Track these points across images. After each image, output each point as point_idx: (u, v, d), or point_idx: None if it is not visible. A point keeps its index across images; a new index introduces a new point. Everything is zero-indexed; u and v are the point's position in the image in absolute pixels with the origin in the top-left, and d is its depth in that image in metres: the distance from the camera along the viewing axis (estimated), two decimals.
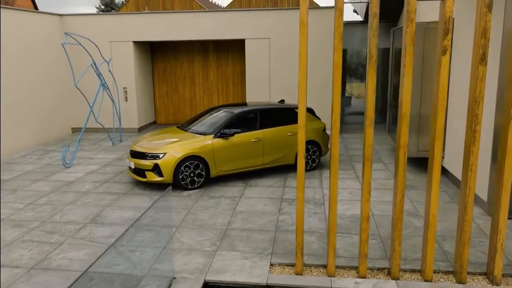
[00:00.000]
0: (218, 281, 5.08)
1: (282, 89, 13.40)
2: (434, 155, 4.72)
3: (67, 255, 5.64)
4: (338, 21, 4.58)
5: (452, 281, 5.04)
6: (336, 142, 4.87)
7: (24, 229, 6.49)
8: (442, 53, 4.51)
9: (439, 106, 4.62)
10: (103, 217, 6.95)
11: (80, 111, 14.00)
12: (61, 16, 13.79)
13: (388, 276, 5.15)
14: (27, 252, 5.74)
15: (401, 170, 4.80)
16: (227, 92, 15.42)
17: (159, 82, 15.64)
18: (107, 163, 10.27)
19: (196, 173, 8.20)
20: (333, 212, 5.02)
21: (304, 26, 4.62)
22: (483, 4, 4.38)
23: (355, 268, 5.32)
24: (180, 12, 14.16)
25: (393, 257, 5.02)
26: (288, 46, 13.29)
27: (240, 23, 13.41)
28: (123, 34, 13.75)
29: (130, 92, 14.05)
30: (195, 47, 15.18)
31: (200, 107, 15.62)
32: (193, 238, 6.14)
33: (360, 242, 5.03)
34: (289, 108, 9.59)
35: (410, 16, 4.48)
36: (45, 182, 8.83)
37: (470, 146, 4.67)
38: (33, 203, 7.60)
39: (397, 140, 4.80)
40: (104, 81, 11.75)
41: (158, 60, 15.45)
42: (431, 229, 4.90)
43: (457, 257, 5.02)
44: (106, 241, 6.06)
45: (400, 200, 4.88)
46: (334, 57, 4.65)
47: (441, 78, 4.55)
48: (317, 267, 5.38)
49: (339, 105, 4.76)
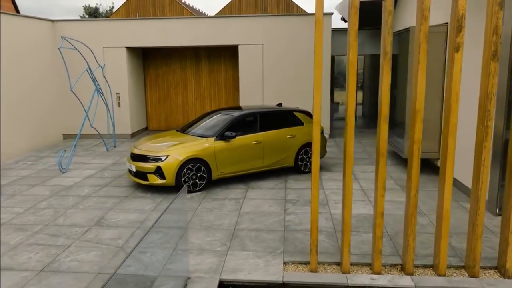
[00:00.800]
0: (234, 280, 4.99)
1: (275, 94, 13.42)
2: (448, 150, 4.75)
3: (76, 257, 5.48)
4: (353, 18, 4.60)
5: (465, 275, 5.06)
6: (351, 140, 4.86)
7: (28, 232, 6.29)
8: (455, 50, 4.56)
9: (452, 102, 4.66)
10: (108, 219, 6.80)
11: (71, 118, 13.79)
12: (53, 22, 13.59)
13: (401, 272, 5.14)
14: (34, 255, 5.56)
15: (415, 166, 4.82)
16: (219, 98, 15.36)
17: (151, 88, 15.50)
18: (104, 168, 10.08)
19: (198, 176, 8.11)
20: (348, 209, 5.00)
21: (320, 23, 4.63)
22: (494, 3, 4.45)
23: (368, 264, 5.30)
24: (174, 18, 14.09)
25: (407, 252, 5.02)
26: (281, 52, 13.34)
27: (234, 29, 13.41)
28: (116, 40, 13.60)
29: (123, 98, 13.87)
30: (187, 54, 15.11)
31: (192, 113, 15.53)
32: (202, 239, 6.04)
33: (375, 238, 5.02)
34: (288, 111, 9.59)
35: (424, 14, 4.52)
36: (43, 186, 8.61)
37: (483, 142, 4.72)
38: (34, 207, 7.39)
39: (411, 136, 4.81)
40: (98, 86, 11.57)
41: (150, 66, 15.32)
42: (445, 224, 4.92)
43: (469, 251, 5.05)
44: (114, 243, 5.91)
45: (414, 195, 4.89)
46: (349, 55, 4.66)
47: (454, 74, 4.60)
48: (330, 265, 5.34)
49: (354, 103, 4.75)
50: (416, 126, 4.75)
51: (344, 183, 5.01)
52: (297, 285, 4.95)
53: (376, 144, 4.91)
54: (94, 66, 12.06)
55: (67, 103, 13.76)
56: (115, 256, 5.52)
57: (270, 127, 9.03)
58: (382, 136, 4.80)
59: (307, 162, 9.45)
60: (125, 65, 13.72)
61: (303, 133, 9.37)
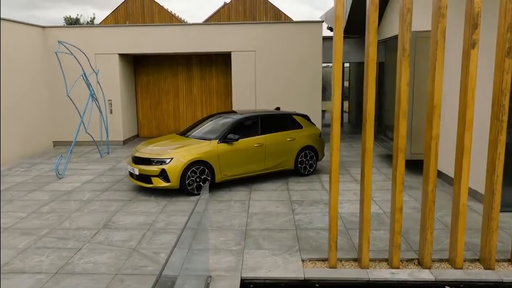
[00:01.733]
0: (255, 277, 4.90)
1: (267, 99, 13.42)
2: (464, 146, 4.80)
3: (90, 259, 5.29)
4: (373, 15, 4.64)
5: (480, 268, 5.09)
6: (370, 136, 4.85)
7: (34, 236, 6.05)
8: (471, 46, 4.64)
9: (468, 98, 4.72)
10: (115, 222, 6.61)
11: (61, 125, 13.50)
12: (43, 28, 13.31)
13: (418, 266, 5.15)
14: (45, 258, 5.34)
15: (433, 160, 4.85)
16: (211, 104, 15.27)
17: (142, 95, 15.30)
18: (101, 173, 9.84)
19: (202, 178, 7.99)
20: (367, 205, 4.98)
21: (340, 21, 4.64)
22: (508, 1, 4.56)
23: (385, 260, 5.28)
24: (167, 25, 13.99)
25: (425, 246, 5.03)
26: (273, 59, 13.38)
27: (227, 36, 13.39)
28: (108, 47, 13.40)
29: (115, 105, 13.65)
30: (178, 60, 15.00)
31: (183, 119, 15.39)
32: (216, 239, 5.93)
33: (393, 233, 5.01)
34: (287, 114, 9.59)
35: (442, 12, 4.59)
36: (41, 192, 8.34)
37: (498, 136, 4.79)
38: (36, 211, 7.13)
39: (429, 132, 4.85)
40: (93, 92, 11.35)
41: (141, 73, 15.13)
42: (462, 218, 4.95)
43: (484, 244, 5.09)
44: (126, 244, 5.74)
45: (432, 190, 4.92)
46: (369, 52, 4.69)
47: (471, 70, 4.67)
48: (347, 261, 5.30)
49: (373, 99, 4.76)
50: (434, 122, 4.79)
51: (362, 181, 5.00)
52: (319, 281, 4.89)
53: (395, 140, 4.92)
54: (88, 71, 11.83)
55: (57, 110, 13.46)
56: (129, 257, 5.35)
57: (270, 130, 9.00)
58: (401, 132, 4.82)
59: (306, 165, 9.43)
60: (118, 72, 13.52)
61: (302, 136, 9.37)
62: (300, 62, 13.29)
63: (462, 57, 4.80)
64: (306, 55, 13.22)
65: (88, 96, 11.15)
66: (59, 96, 13.40)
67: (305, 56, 13.23)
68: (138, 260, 5.28)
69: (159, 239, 5.92)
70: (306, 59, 13.24)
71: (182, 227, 5.50)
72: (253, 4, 17.52)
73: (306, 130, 9.55)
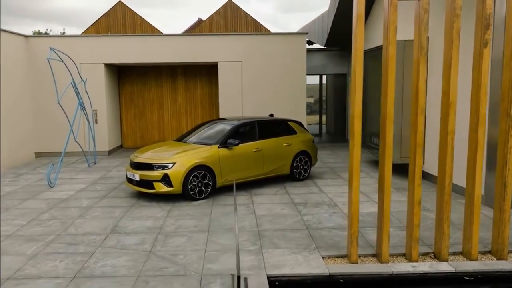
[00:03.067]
0: (280, 274, 4.79)
1: (254, 108, 13.41)
2: (478, 139, 4.92)
3: (106, 263, 5.04)
4: (392, 16, 4.72)
5: (493, 259, 5.18)
6: (390, 134, 4.90)
7: (41, 242, 5.72)
8: (484, 46, 4.79)
9: (481, 95, 4.86)
10: (123, 227, 6.35)
11: (44, 136, 13.02)
12: (26, 37, 12.85)
13: (434, 260, 5.18)
14: (59, 262, 5.05)
15: (449, 155, 4.93)
16: (195, 114, 15.11)
17: (126, 105, 14.96)
18: (93, 182, 9.49)
19: (203, 183, 7.83)
20: (387, 201, 4.99)
21: (361, 20, 4.69)
22: None
23: (401, 255, 5.29)
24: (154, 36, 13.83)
25: (442, 239, 5.08)
26: (259, 69, 13.43)
27: (214, 47, 13.34)
28: (93, 56, 13.07)
29: (101, 115, 13.27)
30: (163, 71, 14.81)
31: (168, 130, 15.13)
32: (231, 240, 5.79)
33: (412, 226, 5.04)
34: (282, 120, 9.60)
35: (456, 12, 4.73)
36: (36, 200, 7.93)
37: (508, 130, 4.93)
38: (36, 219, 6.77)
39: (444, 128, 4.94)
40: (81, 101, 11.00)
41: (126, 84, 14.82)
42: (476, 210, 5.04)
43: (496, 236, 5.19)
44: (140, 248, 5.51)
45: (449, 184, 4.99)
46: (389, 51, 4.76)
47: (484, 68, 4.82)
48: (365, 257, 5.28)
49: (393, 96, 4.82)
50: (450, 117, 4.88)
51: (383, 176, 5.01)
52: (343, 276, 4.84)
53: (412, 136, 4.98)
54: (77, 80, 11.46)
55: (39, 121, 12.98)
56: (147, 260, 5.13)
57: (267, 136, 8.97)
58: (419, 128, 4.89)
59: (301, 170, 9.43)
60: (103, 82, 13.19)
61: (297, 142, 9.38)
62: (286, 71, 13.39)
63: (473, 55, 4.94)
64: (291, 65, 13.34)
65: (77, 105, 10.80)
66: (42, 107, 12.95)
67: (290, 66, 13.35)
68: (157, 262, 5.07)
69: (173, 242, 5.72)
70: (291, 69, 13.36)
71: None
72: (234, 18, 17.60)
73: (300, 136, 9.57)
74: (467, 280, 4.83)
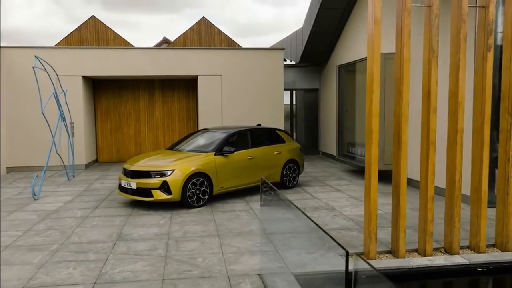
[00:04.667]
0: (304, 273, 4.73)
1: (234, 121, 13.33)
2: (484, 138, 5.13)
3: (124, 269, 4.76)
4: (406, 20, 4.88)
5: (499, 251, 5.36)
6: (405, 133, 5.01)
7: (46, 252, 5.33)
8: (488, 49, 5.05)
9: (486, 95, 5.09)
10: (128, 234, 6.05)
11: (14, 150, 12.28)
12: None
13: (445, 254, 5.29)
14: (73, 270, 4.72)
15: (458, 152, 5.10)
16: (173, 128, 14.82)
17: (101, 119, 14.44)
18: (79, 194, 9.01)
19: (201, 190, 7.64)
20: (403, 197, 5.07)
21: (378, 23, 4.82)
22: None
23: (414, 250, 5.36)
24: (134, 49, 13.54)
25: (453, 233, 5.20)
26: (239, 82, 13.43)
27: (194, 61, 13.22)
28: (71, 68, 12.56)
29: (78, 128, 12.72)
30: (140, 84, 14.47)
31: (145, 144, 14.72)
32: (244, 243, 5.66)
33: (426, 222, 5.13)
34: (272, 129, 9.61)
35: (463, 18, 4.96)
36: (24, 212, 7.42)
37: (510, 129, 5.18)
38: (31, 229, 6.31)
39: (453, 126, 5.11)
40: (62, 112, 10.52)
41: (101, 97, 14.33)
42: (483, 205, 5.22)
43: (500, 229, 5.38)
44: (154, 253, 5.26)
45: (459, 179, 5.15)
46: (404, 53, 4.90)
47: (488, 71, 5.06)
48: (381, 253, 5.31)
49: (407, 98, 4.95)
50: (459, 116, 5.07)
51: (398, 173, 5.10)
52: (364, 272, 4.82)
53: (423, 133, 5.12)
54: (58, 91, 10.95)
55: (10, 135, 12.24)
56: (166, 264, 4.90)
57: (259, 144, 8.94)
58: (432, 126, 5.04)
59: (290, 178, 9.43)
60: (81, 95, 12.70)
61: (286, 151, 9.40)
62: (264, 84, 13.47)
63: (477, 59, 5.19)
64: (269, 79, 13.45)
65: (58, 117, 10.30)
66: (11, 120, 12.23)
67: (268, 80, 13.45)
68: (177, 265, 4.85)
69: (186, 247, 5.50)
70: (269, 83, 13.46)
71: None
72: (208, 35, 17.59)
73: (289, 144, 9.61)
74: (480, 272, 4.97)
